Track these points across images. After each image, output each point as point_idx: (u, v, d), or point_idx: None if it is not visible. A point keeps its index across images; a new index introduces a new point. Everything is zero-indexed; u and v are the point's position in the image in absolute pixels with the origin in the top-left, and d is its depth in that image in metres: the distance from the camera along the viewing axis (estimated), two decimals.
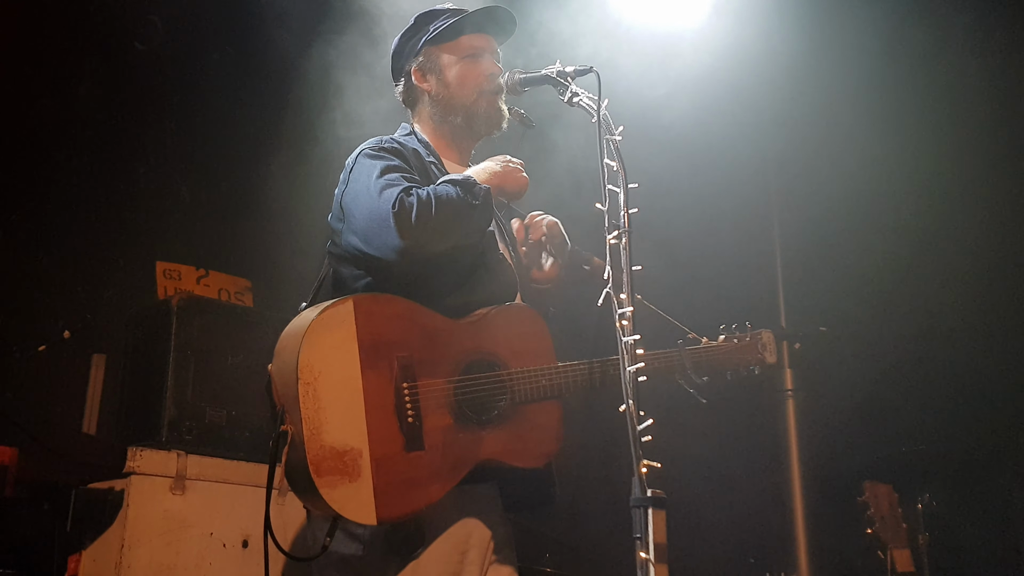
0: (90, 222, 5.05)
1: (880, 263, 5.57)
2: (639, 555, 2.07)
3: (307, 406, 2.47)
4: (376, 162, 2.80)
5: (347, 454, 2.48)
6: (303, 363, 2.50)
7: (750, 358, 3.15)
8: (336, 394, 2.51)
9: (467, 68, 3.05)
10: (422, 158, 2.99)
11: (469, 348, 2.72)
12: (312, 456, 2.44)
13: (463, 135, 3.10)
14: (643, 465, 2.13)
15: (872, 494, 4.10)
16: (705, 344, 3.09)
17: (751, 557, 4.88)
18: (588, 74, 2.79)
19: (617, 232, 2.43)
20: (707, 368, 3.05)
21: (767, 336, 3.17)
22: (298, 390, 2.47)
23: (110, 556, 3.78)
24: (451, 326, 2.72)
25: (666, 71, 4.84)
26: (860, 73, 5.41)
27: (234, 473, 4.10)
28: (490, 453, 2.67)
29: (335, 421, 2.49)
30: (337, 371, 2.53)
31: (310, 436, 2.45)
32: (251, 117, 5.48)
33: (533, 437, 2.75)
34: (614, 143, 2.55)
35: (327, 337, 2.55)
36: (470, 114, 3.05)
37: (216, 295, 4.75)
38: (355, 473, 2.47)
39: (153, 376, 4.20)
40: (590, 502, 5.07)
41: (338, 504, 2.45)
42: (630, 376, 2.24)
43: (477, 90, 3.03)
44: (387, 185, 2.69)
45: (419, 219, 2.62)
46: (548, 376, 2.77)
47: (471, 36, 3.08)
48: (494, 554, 2.79)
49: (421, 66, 3.10)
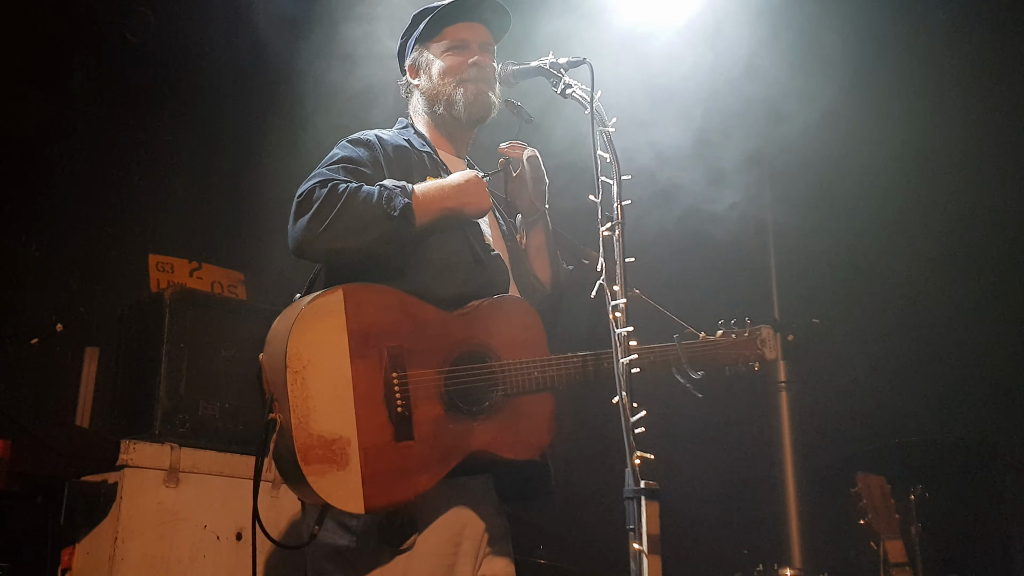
0: (82, 215, 5.03)
1: (872, 255, 5.58)
2: (633, 546, 2.07)
3: (295, 394, 2.48)
4: (336, 151, 2.86)
5: (335, 443, 2.48)
6: (292, 352, 2.50)
7: (749, 354, 3.13)
8: (325, 383, 2.52)
9: (449, 59, 3.08)
10: (412, 149, 3.00)
11: (460, 339, 2.72)
12: (300, 444, 2.45)
13: (451, 125, 3.12)
14: (636, 456, 2.13)
15: (865, 485, 4.12)
16: (702, 339, 3.08)
17: (744, 549, 4.88)
18: (581, 65, 2.79)
19: (610, 224, 2.44)
20: (703, 363, 3.03)
21: (767, 332, 3.16)
22: (286, 378, 2.48)
23: (103, 549, 3.78)
24: (443, 317, 2.72)
25: (655, 61, 4.85)
26: (851, 63, 5.41)
27: (227, 466, 4.10)
28: (481, 444, 2.67)
29: (323, 410, 2.50)
30: (326, 360, 2.53)
31: (298, 424, 2.46)
32: (244, 109, 5.47)
33: (525, 429, 2.75)
34: (607, 135, 2.55)
35: (316, 326, 2.55)
36: (449, 102, 3.06)
37: (209, 288, 4.74)
38: (343, 462, 2.47)
39: (146, 369, 4.19)
40: (584, 493, 5.08)
41: (325, 492, 2.45)
42: (623, 368, 2.25)
43: (456, 78, 3.05)
44: (316, 175, 2.72)
45: (317, 214, 2.62)
46: (540, 368, 2.78)
47: (456, 27, 3.10)
48: (488, 546, 2.80)
49: (414, 62, 3.16)
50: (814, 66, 5.32)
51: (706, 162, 5.31)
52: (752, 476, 5.66)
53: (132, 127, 5.31)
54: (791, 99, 5.32)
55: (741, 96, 5.23)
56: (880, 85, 5.46)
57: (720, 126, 5.10)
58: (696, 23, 5.02)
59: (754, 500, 5.60)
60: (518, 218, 3.18)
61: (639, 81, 4.66)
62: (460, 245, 2.87)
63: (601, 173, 2.49)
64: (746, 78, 5.30)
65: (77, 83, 5.16)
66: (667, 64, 4.89)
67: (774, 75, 5.30)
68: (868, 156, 5.56)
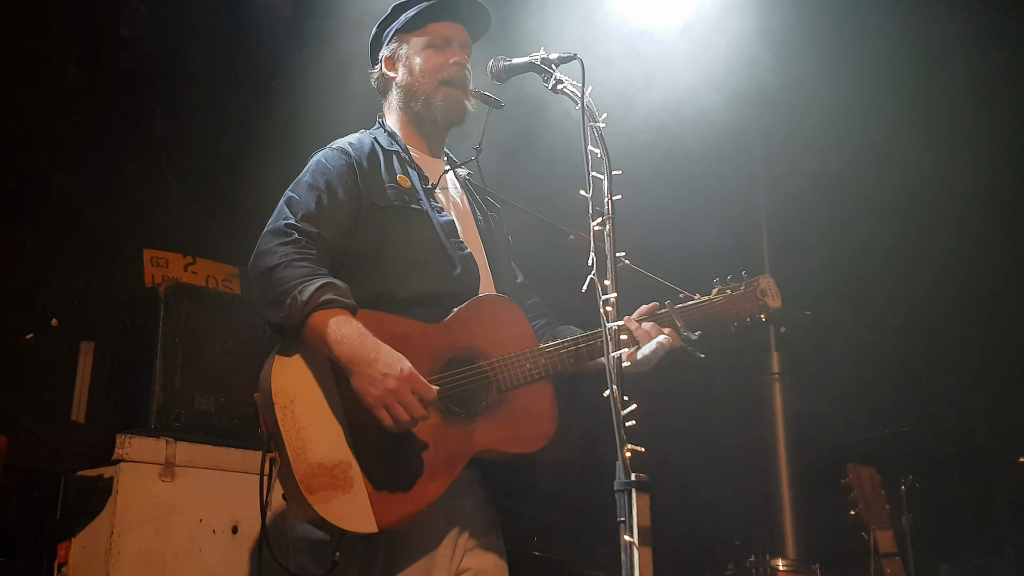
0: (77, 210, 5.03)
1: (865, 247, 5.60)
2: (623, 538, 2.09)
3: (287, 428, 2.48)
4: (307, 179, 2.85)
5: (336, 467, 2.49)
6: (276, 388, 2.52)
7: (751, 306, 3.07)
8: (315, 412, 2.53)
9: (431, 56, 3.05)
10: (381, 149, 2.98)
11: (444, 345, 2.72)
12: (300, 475, 2.45)
13: (427, 124, 3.09)
14: (627, 449, 2.14)
15: (856, 476, 4.13)
16: (698, 300, 3.05)
17: (737, 539, 4.91)
18: (572, 61, 2.78)
19: (601, 219, 2.44)
20: (702, 323, 3.00)
21: (766, 281, 3.12)
22: (275, 415, 2.49)
23: (100, 543, 3.79)
24: (423, 329, 2.72)
25: (649, 49, 4.86)
26: (845, 54, 5.42)
27: (223, 460, 4.11)
28: (485, 444, 2.68)
29: (318, 438, 2.50)
30: (312, 390, 2.55)
31: (295, 457, 2.46)
32: (238, 103, 5.47)
33: (527, 421, 2.75)
34: (598, 130, 2.56)
35: (296, 360, 2.57)
36: (427, 102, 3.03)
37: (204, 282, 4.75)
38: (347, 485, 2.48)
39: (141, 363, 4.20)
40: (575, 486, 5.10)
41: (335, 517, 2.46)
42: (614, 361, 2.26)
43: (438, 78, 3.02)
44: (278, 231, 2.70)
45: (255, 265, 2.67)
46: (531, 359, 2.78)
47: (439, 25, 3.07)
48: (474, 539, 2.79)
49: (391, 54, 3.11)
50: (809, 52, 5.33)
51: (698, 153, 5.33)
52: (745, 467, 5.68)
53: (126, 122, 5.31)
54: (786, 87, 5.33)
55: (733, 84, 5.24)
56: (877, 75, 5.47)
57: (712, 113, 5.11)
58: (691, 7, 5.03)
59: (747, 491, 5.62)
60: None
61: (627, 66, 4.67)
62: (431, 242, 2.86)
63: (592, 168, 2.49)
64: (740, 64, 5.31)
65: (71, 78, 5.15)
66: (658, 49, 4.89)
67: (770, 61, 5.31)
68: (862, 147, 5.57)
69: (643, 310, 3.00)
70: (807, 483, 5.48)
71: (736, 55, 5.05)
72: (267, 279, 2.61)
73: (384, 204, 2.87)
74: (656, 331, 2.92)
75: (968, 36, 5.28)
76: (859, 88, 5.44)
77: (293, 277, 2.58)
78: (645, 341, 2.90)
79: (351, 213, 2.82)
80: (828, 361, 5.61)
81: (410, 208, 2.90)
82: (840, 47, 5.36)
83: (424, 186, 2.99)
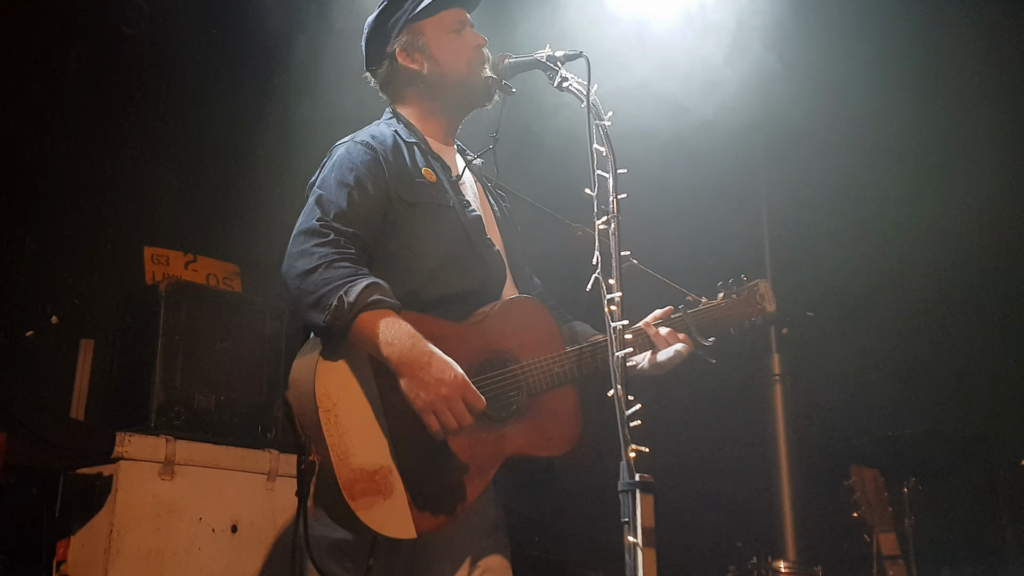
0: (78, 207, 5.01)
1: (867, 248, 5.59)
2: (627, 539, 2.08)
3: (331, 433, 2.47)
4: (335, 176, 2.77)
5: (377, 473, 2.48)
6: (320, 392, 2.49)
7: (750, 310, 3.08)
8: (358, 416, 2.52)
9: (456, 42, 3.02)
10: (402, 140, 2.94)
11: (479, 347, 2.71)
12: (344, 481, 2.44)
13: (454, 111, 3.07)
14: (631, 450, 2.13)
15: (858, 478, 4.13)
16: (705, 304, 3.06)
17: (738, 541, 4.90)
18: (578, 59, 2.76)
19: (606, 218, 2.43)
20: (710, 328, 3.00)
21: (763, 286, 3.12)
22: (319, 419, 2.47)
23: (99, 541, 3.78)
24: (457, 330, 2.71)
25: (650, 51, 4.84)
26: (848, 59, 5.41)
27: (223, 458, 4.10)
28: (515, 448, 2.68)
29: (360, 443, 2.49)
30: (355, 394, 2.54)
31: (338, 462, 2.45)
32: (239, 101, 5.45)
33: (554, 424, 2.76)
34: (603, 128, 2.54)
35: (340, 362, 2.54)
36: (466, 88, 3.01)
37: (204, 280, 4.74)
38: (388, 490, 2.48)
39: (141, 361, 4.19)
40: (579, 486, 5.08)
41: (376, 523, 2.45)
42: (618, 361, 2.24)
43: (469, 63, 3.00)
44: (313, 231, 2.64)
45: (292, 267, 2.60)
46: (560, 363, 2.78)
47: (451, 11, 3.05)
48: (484, 537, 2.79)
49: (405, 46, 3.02)
50: (813, 57, 5.32)
51: (700, 156, 5.32)
52: (747, 469, 5.67)
53: (127, 119, 5.29)
54: (789, 90, 5.32)
55: (736, 87, 5.23)
56: (882, 76, 5.46)
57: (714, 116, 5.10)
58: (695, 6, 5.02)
59: (748, 493, 5.61)
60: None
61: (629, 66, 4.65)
62: (460, 240, 2.85)
63: (597, 167, 2.48)
64: (742, 66, 5.30)
65: (72, 75, 5.14)
66: (660, 50, 4.88)
67: (773, 64, 5.30)
68: (865, 149, 5.56)
69: (658, 314, 2.99)
70: (809, 485, 5.47)
71: (740, 55, 5.04)
72: (307, 281, 2.56)
73: (413, 200, 2.83)
74: (673, 337, 2.91)
75: (975, 36, 5.27)
76: (866, 89, 5.42)
77: (336, 278, 2.54)
78: (662, 346, 2.91)
79: (380, 210, 2.78)
80: (831, 362, 5.59)
81: (439, 204, 2.87)
82: (847, 48, 5.35)
83: (449, 179, 2.96)
